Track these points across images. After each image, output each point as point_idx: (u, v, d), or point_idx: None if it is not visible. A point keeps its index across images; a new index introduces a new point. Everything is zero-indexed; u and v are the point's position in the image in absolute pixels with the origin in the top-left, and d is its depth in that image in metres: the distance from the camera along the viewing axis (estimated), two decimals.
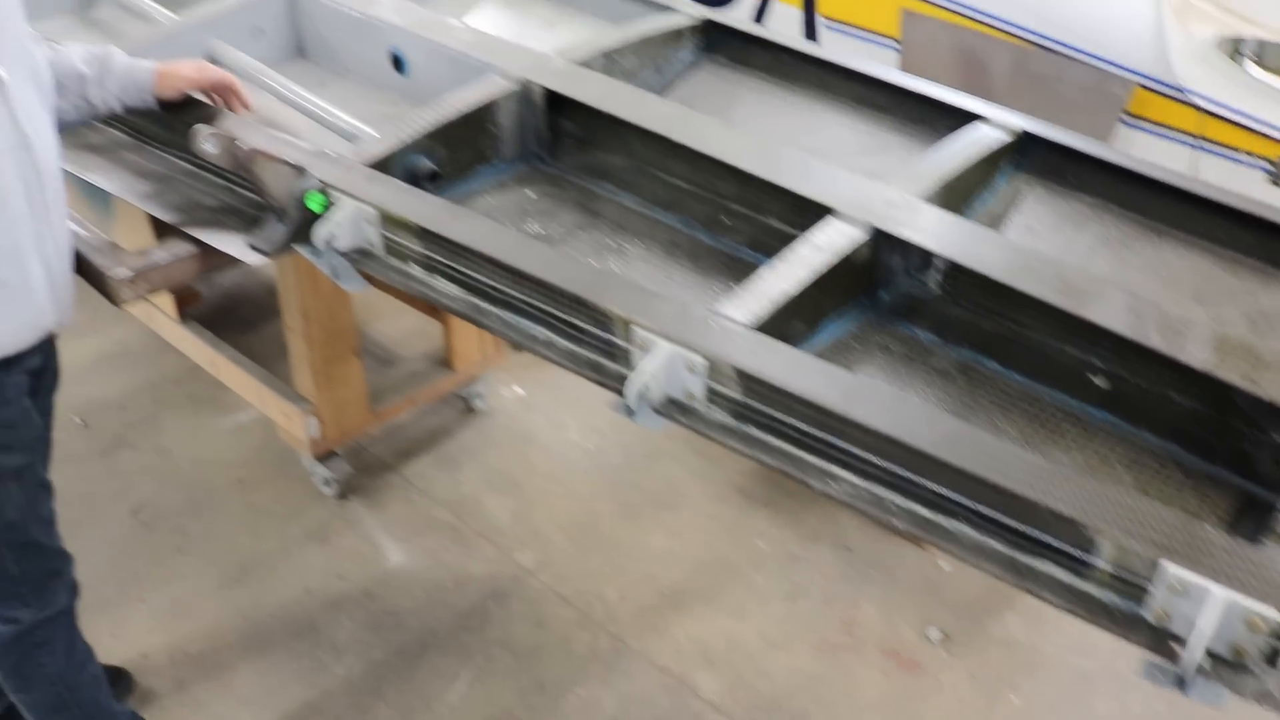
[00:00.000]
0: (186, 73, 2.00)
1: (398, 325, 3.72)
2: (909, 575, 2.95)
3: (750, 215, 1.86)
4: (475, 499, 3.19)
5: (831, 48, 3.33)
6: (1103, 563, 1.21)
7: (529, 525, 3.10)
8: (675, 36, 2.33)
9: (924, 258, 1.67)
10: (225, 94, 2.04)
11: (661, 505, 3.17)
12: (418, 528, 3.10)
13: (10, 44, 1.71)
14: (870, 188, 1.75)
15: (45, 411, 2.04)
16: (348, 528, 3.10)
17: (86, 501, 3.17)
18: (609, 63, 2.19)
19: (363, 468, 3.28)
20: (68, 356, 3.61)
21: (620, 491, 3.22)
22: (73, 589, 2.13)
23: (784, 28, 3.42)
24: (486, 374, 3.45)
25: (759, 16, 3.50)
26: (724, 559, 3.01)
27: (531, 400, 3.56)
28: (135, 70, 1.98)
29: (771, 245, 1.81)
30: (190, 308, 3.47)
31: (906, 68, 3.18)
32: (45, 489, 2.02)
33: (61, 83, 1.94)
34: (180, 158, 2.16)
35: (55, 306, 1.86)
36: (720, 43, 2.39)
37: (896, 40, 3.21)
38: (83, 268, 1.98)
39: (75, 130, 2.10)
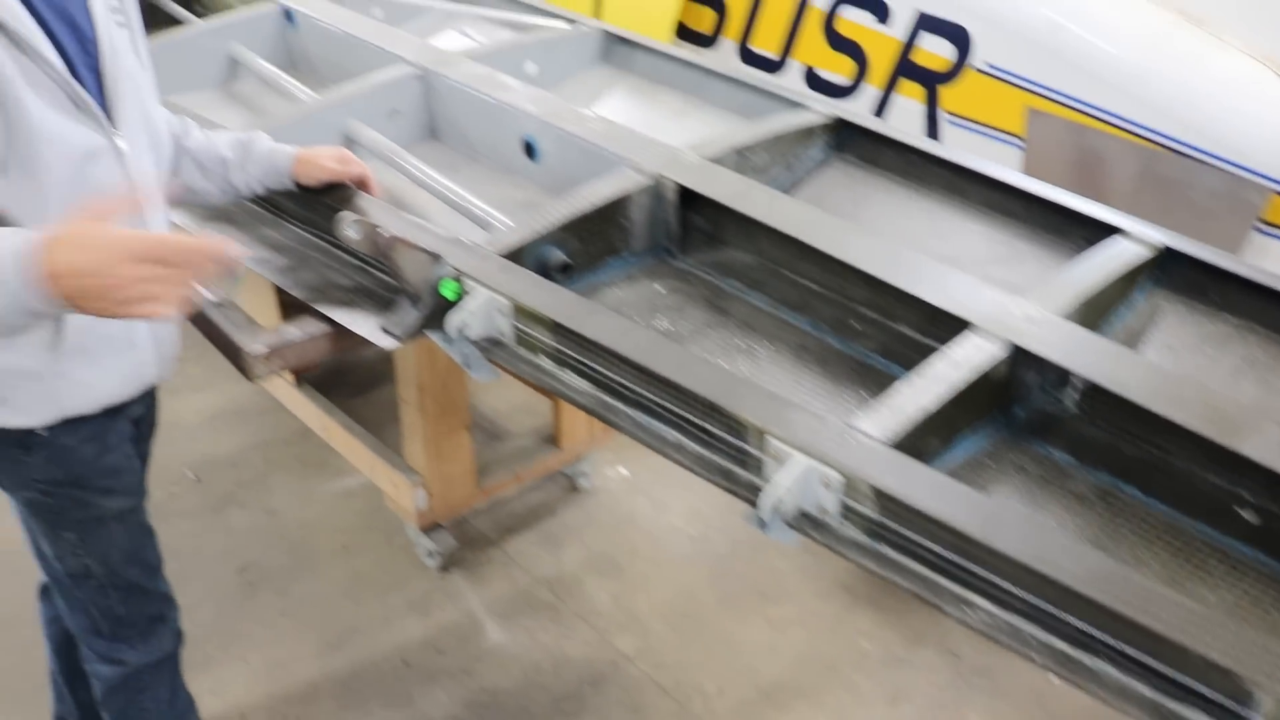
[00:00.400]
0: (326, 163, 2.05)
1: (506, 399, 3.75)
2: (1017, 686, 2.86)
3: (881, 322, 1.85)
4: (576, 579, 3.18)
5: (953, 144, 3.33)
6: (1260, 718, 1.16)
7: (629, 610, 3.08)
8: (806, 134, 2.33)
9: (1061, 376, 1.64)
10: (360, 186, 2.09)
11: (764, 597, 3.13)
12: (518, 606, 3.09)
13: (134, 117, 1.78)
14: (1009, 303, 1.72)
15: (144, 457, 2.12)
16: (449, 601, 3.11)
17: (195, 557, 3.22)
18: (740, 159, 2.20)
19: (466, 541, 3.29)
20: (185, 411, 3.72)
21: (723, 580, 3.18)
22: (177, 635, 2.19)
23: (905, 122, 3.42)
24: (592, 453, 3.45)
25: (879, 110, 3.50)
26: (826, 657, 2.96)
27: (636, 481, 3.55)
28: (276, 156, 2.04)
29: (903, 353, 1.80)
30: (305, 371, 3.53)
31: (1029, 166, 3.16)
32: (149, 533, 2.09)
33: (206, 166, 2.02)
34: (314, 234, 2.21)
35: (158, 361, 1.92)
36: (850, 141, 2.39)
37: (1020, 138, 3.19)
38: (218, 340, 2.03)
39: None
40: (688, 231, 2.10)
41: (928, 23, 3.34)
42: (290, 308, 3.02)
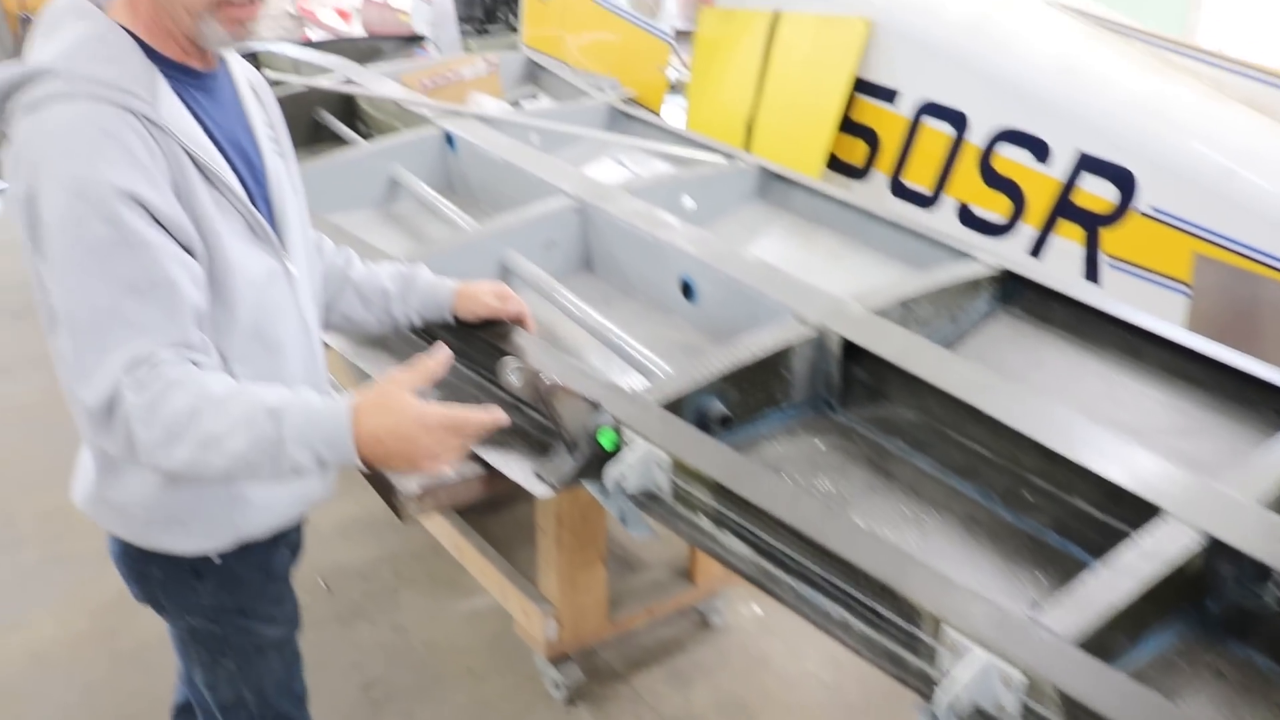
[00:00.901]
0: (486, 299, 2.05)
1: None
2: None
3: (1057, 495, 1.75)
4: None
5: (1114, 289, 3.22)
6: None
7: None
8: (972, 286, 2.27)
9: (1262, 572, 1.52)
10: (517, 323, 2.09)
11: None
12: None
13: (297, 241, 1.81)
14: (1202, 486, 1.61)
15: None
16: None
17: (322, 670, 3.19)
18: (905, 311, 2.15)
19: (593, 673, 3.21)
20: (319, 518, 3.72)
21: None
22: None
23: (1063, 264, 3.33)
24: (726, 589, 3.36)
25: (1036, 250, 3.42)
26: None
27: (770, 622, 3.44)
28: (437, 290, 2.06)
29: (1080, 532, 1.70)
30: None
31: (1196, 314, 3.03)
32: (299, 661, 2.07)
33: (368, 297, 2.03)
34: (469, 368, 2.20)
35: (322, 482, 1.92)
36: (1017, 293, 2.32)
37: (1186, 285, 3.07)
38: (373, 477, 2.02)
39: None
40: (849, 384, 2.05)
41: (1090, 164, 3.26)
42: None
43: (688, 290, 2.39)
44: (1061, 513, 1.74)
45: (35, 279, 1.56)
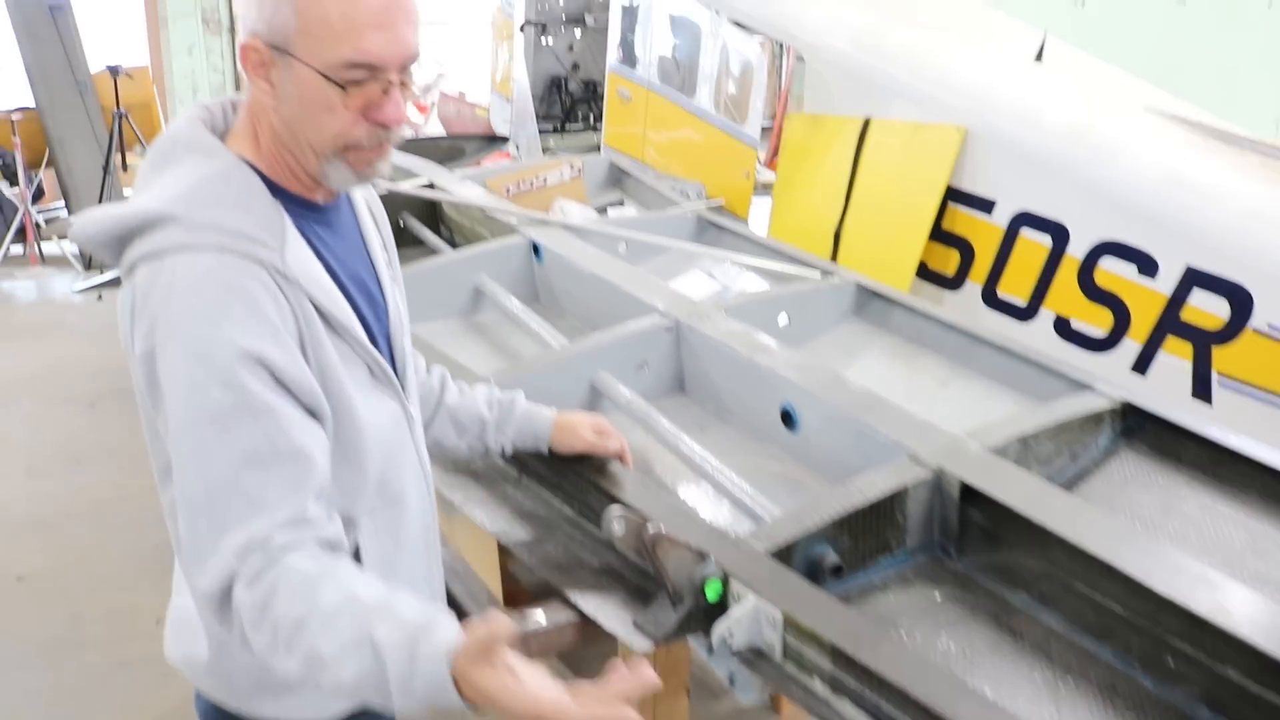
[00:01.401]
0: (585, 434, 1.95)
1: None
2: None
3: (1204, 663, 1.60)
4: None
5: (1227, 409, 3.07)
6: None
7: None
8: (1094, 421, 2.14)
9: None
10: (616, 458, 1.99)
11: None
12: None
13: (412, 377, 1.71)
14: None
15: None
16: None
17: None
18: (1023, 449, 2.02)
19: None
20: None
21: None
22: None
23: (1170, 381, 3.18)
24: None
25: (1141, 365, 3.28)
26: None
27: None
28: (535, 420, 1.96)
29: (1235, 707, 1.55)
30: (520, 601, 3.42)
31: None
32: None
33: (464, 424, 1.93)
34: (563, 502, 2.10)
35: None
36: (1140, 428, 2.18)
37: None
38: (461, 620, 1.92)
39: None
40: (966, 528, 1.92)
41: (1200, 279, 3.13)
42: (507, 559, 2.91)
43: (788, 419, 2.27)
44: (1212, 684, 1.59)
45: (149, 431, 1.47)
